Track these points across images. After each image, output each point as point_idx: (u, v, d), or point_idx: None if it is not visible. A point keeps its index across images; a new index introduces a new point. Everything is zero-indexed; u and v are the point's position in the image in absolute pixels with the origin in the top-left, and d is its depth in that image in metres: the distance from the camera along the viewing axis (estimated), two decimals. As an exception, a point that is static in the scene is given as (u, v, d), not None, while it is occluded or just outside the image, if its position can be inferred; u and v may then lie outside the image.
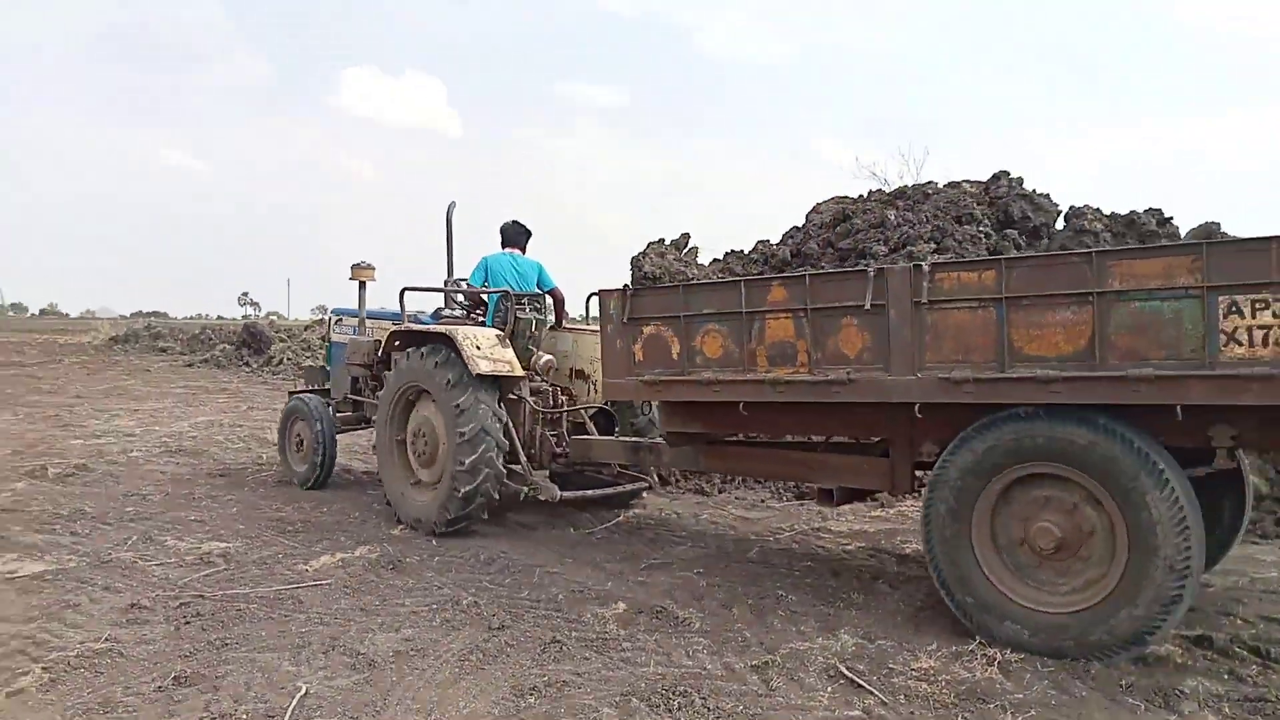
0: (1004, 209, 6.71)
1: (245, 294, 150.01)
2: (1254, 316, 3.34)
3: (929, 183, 6.41)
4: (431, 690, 3.52)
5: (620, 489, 6.77)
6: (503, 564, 5.39)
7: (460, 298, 7.19)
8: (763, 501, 7.52)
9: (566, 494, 6.20)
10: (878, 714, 3.35)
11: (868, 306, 4.22)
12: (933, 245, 6.54)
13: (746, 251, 6.11)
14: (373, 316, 7.90)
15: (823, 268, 6.35)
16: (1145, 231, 6.64)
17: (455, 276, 7.38)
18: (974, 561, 4.11)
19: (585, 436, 6.70)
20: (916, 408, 4.19)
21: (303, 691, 3.46)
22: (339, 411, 7.92)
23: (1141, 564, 3.65)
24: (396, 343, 6.73)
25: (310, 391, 8.35)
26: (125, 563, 5.22)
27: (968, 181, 6.34)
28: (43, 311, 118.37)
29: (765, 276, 5.35)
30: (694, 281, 5.66)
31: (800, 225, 6.24)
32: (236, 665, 3.72)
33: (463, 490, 5.84)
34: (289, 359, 20.12)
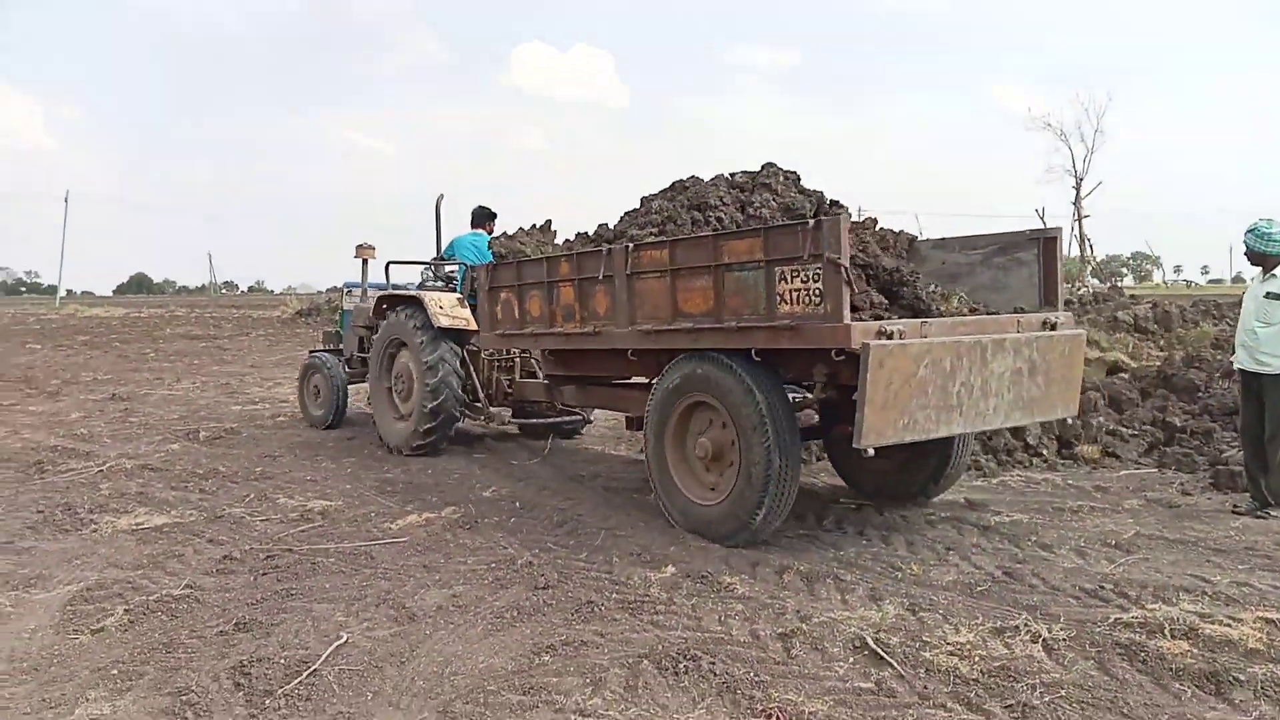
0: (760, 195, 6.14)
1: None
2: (791, 282, 4.54)
3: (747, 171, 6.14)
4: (458, 644, 3.68)
5: (555, 420, 8.37)
6: (573, 526, 5.52)
7: (433, 270, 8.92)
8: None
9: (515, 420, 8.20)
10: (889, 686, 3.24)
11: (601, 278, 5.61)
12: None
13: (590, 233, 6.48)
14: (374, 288, 9.30)
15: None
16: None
17: (437, 255, 8.91)
18: (667, 465, 5.45)
19: (525, 380, 8.03)
20: (630, 352, 5.64)
21: (342, 640, 3.70)
22: (350, 367, 9.48)
23: (744, 471, 4.90)
24: (384, 306, 8.34)
25: (326, 351, 9.96)
26: (235, 518, 5.72)
27: (743, 173, 6.20)
28: (250, 289, 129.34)
29: (557, 255, 6.38)
30: (523, 259, 6.68)
31: (637, 208, 6.25)
32: (293, 614, 4.02)
33: (429, 408, 7.43)
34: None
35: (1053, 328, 5.19)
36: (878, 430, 4.36)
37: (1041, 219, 40.52)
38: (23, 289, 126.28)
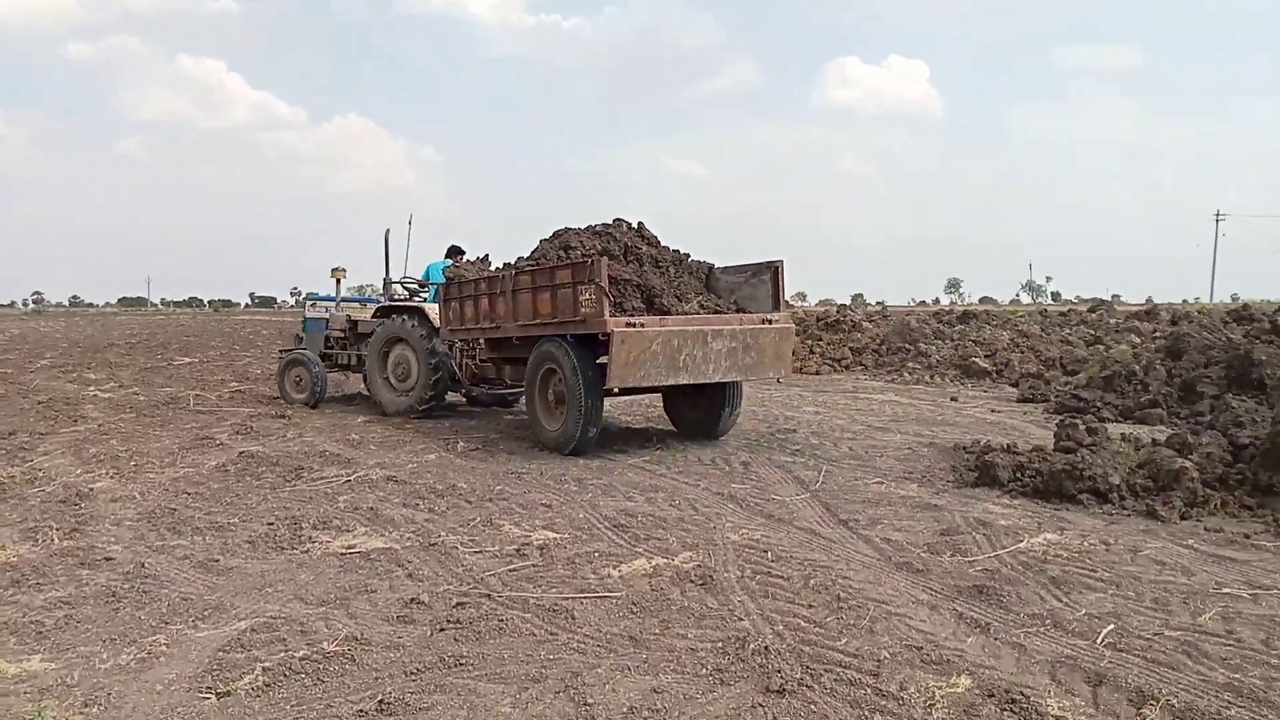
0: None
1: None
2: (583, 295, 7.65)
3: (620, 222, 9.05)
4: (638, 780, 2.60)
5: (500, 392, 11.40)
6: (836, 593, 4.24)
7: (399, 288, 11.92)
8: (1246, 538, 5.32)
9: (482, 394, 11.53)
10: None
11: (499, 292, 8.78)
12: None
13: (515, 260, 9.35)
14: (346, 301, 12.79)
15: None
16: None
17: (395, 276, 11.98)
18: (535, 407, 8.61)
19: (483, 363, 10.60)
20: (514, 339, 9.00)
21: (490, 750, 2.75)
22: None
23: (573, 406, 8.01)
24: (379, 314, 11.62)
25: (298, 349, 12.46)
26: (447, 548, 5.06)
27: (601, 224, 9.03)
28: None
29: (476, 278, 9.45)
30: (462, 280, 9.74)
31: (535, 247, 9.24)
32: (450, 696, 3.15)
33: (432, 382, 10.44)
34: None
35: (769, 323, 8.21)
36: (620, 378, 7.35)
37: None
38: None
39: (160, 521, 5.73)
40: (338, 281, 12.46)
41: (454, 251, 11.66)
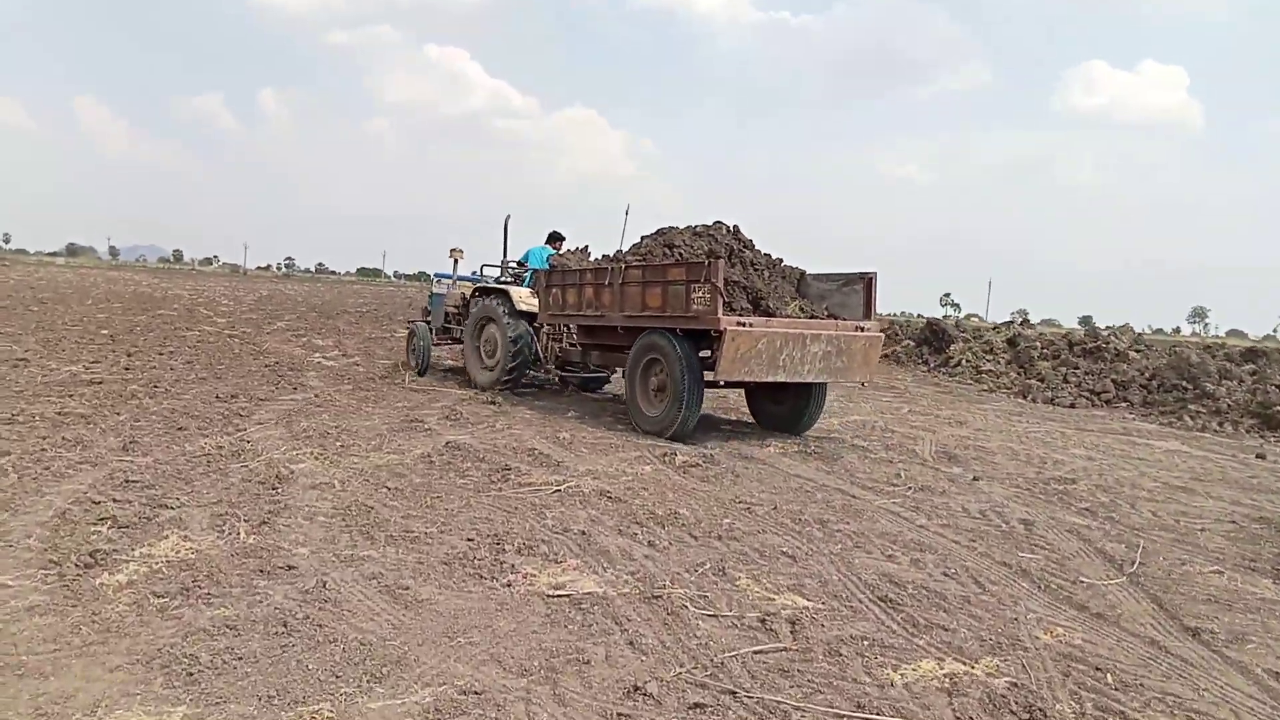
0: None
1: (947, 295, 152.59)
2: (696, 293, 8.11)
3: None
4: None
5: (587, 375, 11.87)
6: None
7: (509, 269, 12.29)
8: None
9: (565, 374, 11.64)
10: None
11: (607, 283, 9.32)
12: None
13: (612, 254, 10.14)
14: (462, 279, 13.17)
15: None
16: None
17: (510, 259, 12.40)
18: (634, 393, 9.07)
19: (569, 347, 11.02)
20: (619, 328, 9.37)
21: None
22: (436, 334, 13.03)
23: (673, 395, 8.43)
24: (477, 294, 11.92)
25: (421, 321, 13.44)
26: (674, 604, 4.07)
27: (701, 225, 9.74)
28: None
29: (583, 268, 10.22)
30: (566, 269, 10.47)
31: (636, 243, 9.96)
32: None
33: (510, 365, 10.94)
34: (968, 361, 18.36)
35: (861, 330, 8.72)
36: (727, 372, 8.00)
37: None
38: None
39: (354, 521, 5.11)
40: (455, 262, 13.32)
41: (554, 237, 12.15)
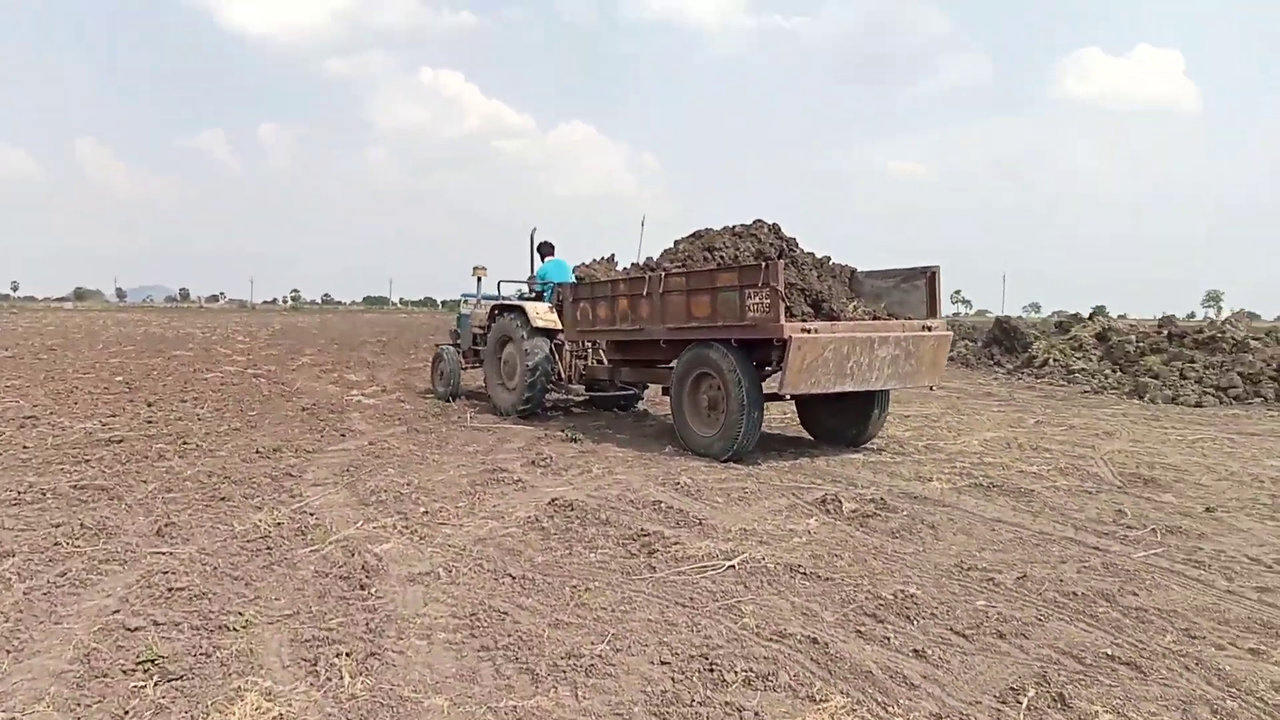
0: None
1: (958, 292, 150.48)
2: (753, 299, 7.35)
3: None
4: None
5: (618, 394, 11.50)
6: None
7: (525, 288, 11.95)
8: None
9: (590, 393, 11.52)
10: None
11: (644, 294, 8.60)
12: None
13: (640, 263, 9.57)
14: (486, 298, 12.35)
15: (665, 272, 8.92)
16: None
17: (530, 275, 11.89)
18: (683, 411, 8.29)
19: (595, 365, 10.84)
20: (661, 342, 8.68)
21: None
22: (464, 357, 12.64)
23: (729, 413, 7.65)
24: (496, 312, 11.42)
25: (450, 345, 13.03)
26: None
27: (741, 225, 9.06)
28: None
29: (613, 279, 9.47)
30: (596, 281, 9.91)
31: (670, 248, 9.31)
32: None
33: (528, 383, 10.34)
34: (1055, 360, 16.84)
35: (928, 330, 7.94)
36: (793, 384, 7.23)
37: None
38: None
39: (489, 637, 3.66)
40: (479, 280, 12.76)
41: (549, 247, 11.74)
